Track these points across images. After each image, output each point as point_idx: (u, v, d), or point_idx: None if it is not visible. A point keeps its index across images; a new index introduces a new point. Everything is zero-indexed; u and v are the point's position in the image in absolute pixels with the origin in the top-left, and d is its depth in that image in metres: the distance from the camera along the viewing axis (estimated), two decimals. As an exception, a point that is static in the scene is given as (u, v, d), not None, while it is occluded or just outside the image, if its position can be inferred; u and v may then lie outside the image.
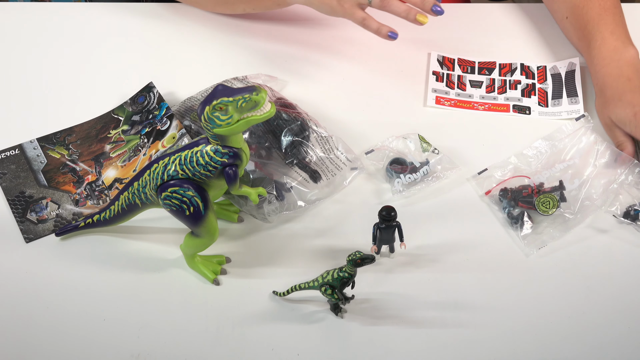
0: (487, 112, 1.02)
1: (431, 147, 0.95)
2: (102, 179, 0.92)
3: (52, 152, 0.95)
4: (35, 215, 0.89)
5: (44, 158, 0.95)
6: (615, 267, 0.86)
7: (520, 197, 0.90)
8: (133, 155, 0.94)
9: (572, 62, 1.07)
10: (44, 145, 0.97)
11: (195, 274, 0.85)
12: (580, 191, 0.90)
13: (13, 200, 0.90)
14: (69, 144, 0.97)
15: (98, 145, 0.97)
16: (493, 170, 0.94)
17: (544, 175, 0.92)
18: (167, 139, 0.93)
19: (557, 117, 1.01)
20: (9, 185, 0.92)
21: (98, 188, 0.91)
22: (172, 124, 0.94)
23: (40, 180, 0.93)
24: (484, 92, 1.05)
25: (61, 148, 0.96)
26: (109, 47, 1.13)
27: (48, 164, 0.95)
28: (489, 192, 0.92)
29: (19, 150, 0.96)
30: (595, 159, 0.94)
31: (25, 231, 0.88)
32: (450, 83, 1.06)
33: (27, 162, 0.94)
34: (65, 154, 0.95)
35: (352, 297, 0.81)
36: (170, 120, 0.94)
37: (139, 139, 0.95)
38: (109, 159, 0.95)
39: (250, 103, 0.73)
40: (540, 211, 0.88)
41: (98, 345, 0.79)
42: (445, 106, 1.02)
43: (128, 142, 0.95)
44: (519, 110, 1.02)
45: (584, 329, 0.81)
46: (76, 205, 0.90)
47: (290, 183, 0.88)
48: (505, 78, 1.06)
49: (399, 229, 0.83)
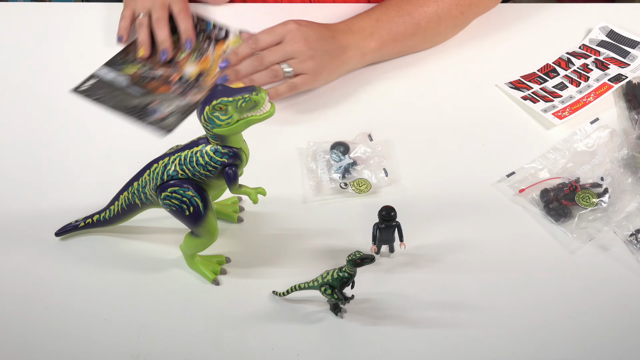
0: (599, 98, 1.04)
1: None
2: (185, 75, 1.02)
3: (125, 71, 1.02)
4: (156, 115, 0.96)
5: (123, 76, 1.02)
6: (615, 267, 0.86)
7: (563, 196, 0.91)
8: (200, 55, 1.04)
9: (603, 27, 1.11)
10: (113, 69, 1.04)
11: (195, 274, 0.85)
12: (612, 185, 0.93)
13: (129, 111, 0.97)
14: (134, 60, 1.05)
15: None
16: (521, 173, 0.96)
17: (575, 175, 0.94)
18: (233, 40, 1.05)
19: None
20: (115, 102, 0.99)
21: (187, 83, 1.00)
22: (230, 31, 1.05)
23: (135, 92, 0.99)
24: (575, 88, 1.06)
25: (130, 65, 1.04)
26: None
27: (130, 79, 1.02)
28: (522, 190, 0.93)
29: (97, 78, 1.03)
30: (616, 151, 0.97)
31: (159, 127, 0.96)
32: (546, 97, 1.05)
33: (111, 84, 1.01)
34: (138, 68, 1.03)
35: (352, 297, 0.81)
36: (227, 30, 1.05)
37: (198, 45, 1.06)
38: (179, 61, 1.04)
39: (250, 103, 0.73)
40: (582, 205, 0.90)
41: (98, 345, 0.79)
42: (568, 116, 1.02)
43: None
44: (616, 80, 1.05)
45: (584, 329, 0.81)
46: (183, 95, 0.99)
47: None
48: (573, 69, 1.09)
49: (399, 229, 0.83)
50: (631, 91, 1.05)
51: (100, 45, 1.14)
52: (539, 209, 0.92)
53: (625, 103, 1.05)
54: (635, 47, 1.11)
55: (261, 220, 0.91)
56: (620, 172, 0.95)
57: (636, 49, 1.11)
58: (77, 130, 1.02)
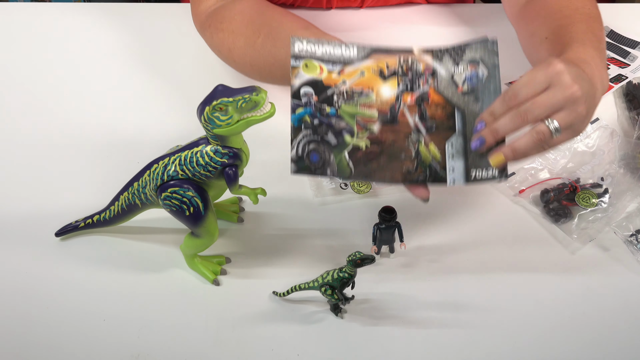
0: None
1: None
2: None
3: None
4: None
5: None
6: (615, 267, 0.86)
7: (563, 196, 0.91)
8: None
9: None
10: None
11: (195, 274, 0.85)
12: (612, 185, 0.93)
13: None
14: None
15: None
16: (521, 173, 0.96)
17: (574, 175, 0.94)
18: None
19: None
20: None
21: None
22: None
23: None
24: None
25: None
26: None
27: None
28: (522, 190, 0.94)
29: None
30: (616, 151, 0.97)
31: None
32: None
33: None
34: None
35: (352, 297, 0.81)
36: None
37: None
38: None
39: (250, 103, 0.73)
40: (582, 206, 0.90)
41: (98, 345, 0.79)
42: None
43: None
44: (616, 80, 1.06)
45: (584, 329, 0.81)
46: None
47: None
48: None
49: (399, 229, 0.84)
50: (631, 91, 1.05)
51: (100, 46, 1.15)
52: (539, 209, 0.92)
53: (625, 103, 1.05)
54: (635, 48, 1.11)
55: (261, 220, 0.91)
56: (620, 172, 0.95)
57: (636, 49, 1.11)
58: (77, 130, 1.02)
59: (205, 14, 1.02)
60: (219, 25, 0.99)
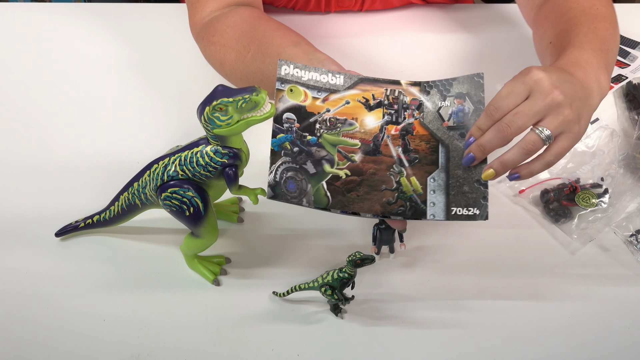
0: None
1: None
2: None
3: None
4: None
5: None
6: (615, 267, 0.86)
7: (563, 196, 0.91)
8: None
9: None
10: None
11: (195, 274, 0.85)
12: (612, 185, 0.93)
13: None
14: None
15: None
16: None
17: (574, 175, 0.94)
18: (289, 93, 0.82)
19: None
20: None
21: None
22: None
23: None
24: None
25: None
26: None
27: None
28: (522, 191, 0.94)
29: None
30: (616, 151, 0.97)
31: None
32: None
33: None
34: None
35: (352, 297, 0.81)
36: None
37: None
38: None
39: (250, 104, 0.73)
40: (582, 206, 0.90)
41: (98, 345, 0.79)
42: None
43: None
44: (616, 80, 1.06)
45: (584, 329, 0.81)
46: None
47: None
48: None
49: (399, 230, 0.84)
50: (631, 92, 1.05)
51: (100, 46, 1.15)
52: (539, 209, 0.92)
53: (625, 103, 1.05)
54: (635, 48, 1.11)
55: (261, 220, 0.91)
56: (620, 172, 0.95)
57: (636, 50, 1.11)
58: (78, 130, 1.02)
59: (200, 25, 1.02)
60: (211, 38, 0.99)
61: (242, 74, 0.96)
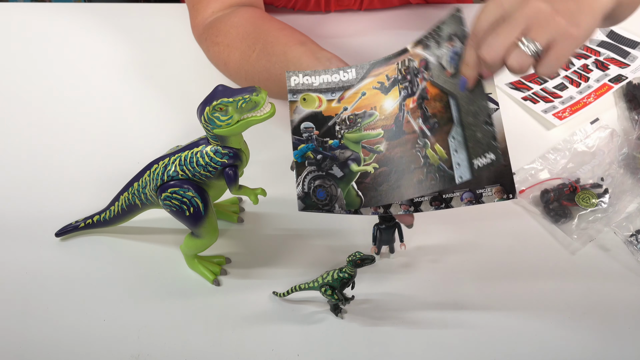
0: (599, 99, 1.04)
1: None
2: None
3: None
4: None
5: None
6: (615, 267, 0.86)
7: (563, 196, 0.91)
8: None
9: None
10: None
11: (195, 274, 0.85)
12: (612, 185, 0.93)
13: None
14: None
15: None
16: (521, 173, 0.96)
17: (574, 175, 0.94)
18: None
19: None
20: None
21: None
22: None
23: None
24: (575, 88, 1.07)
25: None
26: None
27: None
28: (522, 191, 0.94)
29: None
30: (616, 151, 0.97)
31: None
32: (546, 98, 1.06)
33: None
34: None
35: (352, 297, 0.81)
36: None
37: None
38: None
39: (251, 104, 0.73)
40: (582, 206, 0.90)
41: (98, 345, 0.79)
42: (569, 116, 1.02)
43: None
44: (616, 80, 1.06)
45: (584, 329, 0.81)
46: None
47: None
48: (573, 69, 1.10)
49: (399, 230, 0.83)
50: (631, 92, 1.05)
51: (100, 46, 1.15)
52: (539, 209, 0.92)
53: (625, 103, 1.05)
54: (635, 48, 1.11)
55: (261, 220, 0.91)
56: (621, 172, 0.95)
57: (636, 50, 1.11)
58: (77, 130, 1.02)
59: (202, 26, 1.02)
60: (214, 39, 0.99)
61: (247, 73, 0.96)
